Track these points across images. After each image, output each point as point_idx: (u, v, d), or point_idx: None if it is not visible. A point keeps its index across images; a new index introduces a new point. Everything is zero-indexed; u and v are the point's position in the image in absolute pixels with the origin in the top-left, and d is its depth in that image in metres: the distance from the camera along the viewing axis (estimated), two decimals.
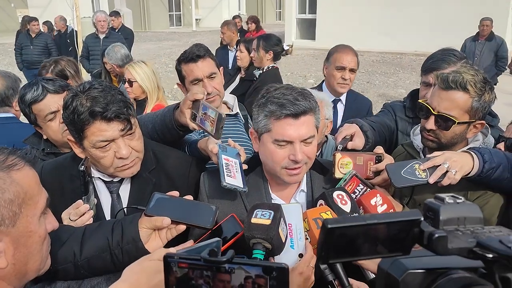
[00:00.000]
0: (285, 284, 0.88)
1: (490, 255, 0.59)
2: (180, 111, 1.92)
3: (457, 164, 1.74)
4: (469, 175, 1.77)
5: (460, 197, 0.72)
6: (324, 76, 3.44)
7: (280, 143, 1.63)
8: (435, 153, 1.82)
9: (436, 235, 0.64)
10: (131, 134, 1.68)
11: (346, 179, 1.75)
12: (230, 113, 2.60)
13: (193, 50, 2.45)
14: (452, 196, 0.72)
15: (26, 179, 1.08)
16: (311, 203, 1.74)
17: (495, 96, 1.95)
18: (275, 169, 1.68)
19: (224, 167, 1.68)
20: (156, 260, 1.16)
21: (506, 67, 7.84)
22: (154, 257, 1.18)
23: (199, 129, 1.88)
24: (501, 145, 2.17)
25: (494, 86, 7.13)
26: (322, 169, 1.85)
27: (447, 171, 1.74)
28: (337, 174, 1.81)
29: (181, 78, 2.53)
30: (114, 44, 5.04)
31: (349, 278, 1.49)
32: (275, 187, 1.79)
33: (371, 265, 1.54)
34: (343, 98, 3.39)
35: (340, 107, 3.38)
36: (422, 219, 0.66)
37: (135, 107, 3.79)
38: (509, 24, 15.58)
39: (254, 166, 1.82)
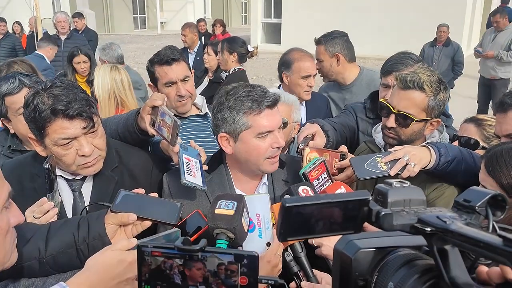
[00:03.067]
0: (255, 270, 0.92)
1: (428, 229, 0.65)
2: (140, 116, 1.94)
3: (416, 157, 1.84)
4: (426, 168, 1.87)
5: (407, 181, 0.79)
6: (284, 82, 3.36)
7: (263, 135, 1.72)
8: (396, 147, 1.92)
9: (383, 213, 0.69)
10: (93, 132, 1.69)
11: (315, 163, 1.81)
12: (199, 113, 2.64)
13: (167, 53, 2.47)
14: (399, 181, 0.79)
15: None
16: (273, 196, 1.81)
17: (449, 96, 2.08)
18: (259, 161, 1.76)
19: (185, 166, 1.72)
20: (118, 250, 1.18)
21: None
22: (116, 247, 1.20)
23: (157, 135, 1.90)
24: (456, 143, 2.30)
25: (451, 89, 7.33)
26: (281, 162, 1.92)
27: (406, 164, 1.84)
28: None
29: (153, 79, 2.54)
30: (110, 42, 5.14)
31: (313, 269, 1.56)
32: (238, 182, 1.85)
33: None
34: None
35: (302, 109, 3.45)
36: (371, 198, 0.72)
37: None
38: (465, 31, 16.25)
39: (216, 165, 1.87)
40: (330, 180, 1.83)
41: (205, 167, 1.83)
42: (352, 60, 3.42)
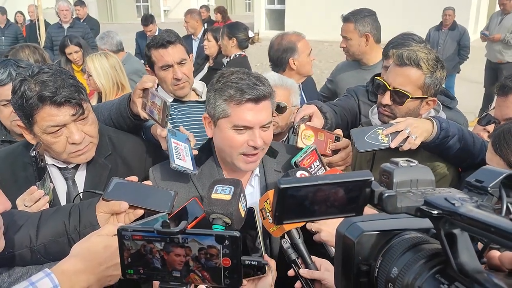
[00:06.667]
0: (238, 251, 0.90)
1: (435, 212, 0.59)
2: (131, 101, 1.89)
3: (418, 129, 1.82)
4: (426, 141, 1.85)
5: (414, 160, 0.73)
6: (289, 70, 3.21)
7: (239, 128, 1.60)
8: (398, 119, 1.89)
9: (386, 194, 0.64)
10: (83, 119, 1.64)
11: (306, 152, 1.74)
12: (199, 100, 2.60)
13: (164, 36, 2.44)
14: (406, 160, 0.73)
15: None
16: (265, 188, 1.74)
17: (446, 75, 2.04)
18: (232, 155, 1.65)
19: (174, 150, 1.67)
20: (104, 236, 1.15)
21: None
22: (102, 232, 1.16)
23: (149, 118, 1.85)
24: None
25: (457, 74, 7.17)
26: (272, 152, 1.83)
27: (408, 136, 1.81)
28: (300, 144, 1.84)
29: (150, 63, 2.52)
30: (108, 31, 5.19)
31: (312, 256, 1.51)
32: (229, 174, 1.75)
33: (333, 240, 1.55)
34: None
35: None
36: (373, 179, 0.66)
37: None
38: (472, 14, 16.00)
39: (205, 158, 1.77)
40: (323, 168, 1.76)
41: (195, 152, 1.77)
42: (379, 41, 3.37)
